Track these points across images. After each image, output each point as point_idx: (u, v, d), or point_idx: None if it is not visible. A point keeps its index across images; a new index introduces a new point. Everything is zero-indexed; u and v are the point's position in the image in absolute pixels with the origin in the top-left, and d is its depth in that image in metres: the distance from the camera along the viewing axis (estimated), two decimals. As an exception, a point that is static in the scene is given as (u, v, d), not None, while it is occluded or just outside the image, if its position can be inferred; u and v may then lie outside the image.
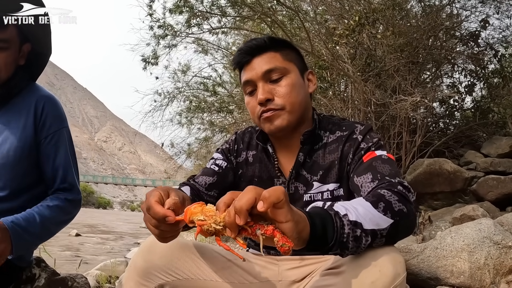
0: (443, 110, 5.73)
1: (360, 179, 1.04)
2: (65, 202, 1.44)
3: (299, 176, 1.20)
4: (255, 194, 0.67)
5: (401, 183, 0.95)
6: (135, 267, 1.06)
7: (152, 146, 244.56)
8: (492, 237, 1.98)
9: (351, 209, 0.79)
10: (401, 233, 0.87)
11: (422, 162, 4.23)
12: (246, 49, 1.19)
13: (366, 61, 4.86)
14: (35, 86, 1.48)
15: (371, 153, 1.09)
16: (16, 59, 1.38)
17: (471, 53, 5.41)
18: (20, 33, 1.36)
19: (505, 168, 4.13)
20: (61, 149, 1.45)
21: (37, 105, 1.41)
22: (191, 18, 4.30)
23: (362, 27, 4.55)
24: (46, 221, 1.36)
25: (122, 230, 18.43)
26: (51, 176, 1.44)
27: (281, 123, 1.15)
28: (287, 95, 1.14)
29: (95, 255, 7.97)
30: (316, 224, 0.74)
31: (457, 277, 1.92)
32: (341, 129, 1.20)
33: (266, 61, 1.16)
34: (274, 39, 1.22)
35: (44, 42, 1.44)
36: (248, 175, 1.28)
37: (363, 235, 0.78)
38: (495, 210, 3.38)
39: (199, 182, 1.24)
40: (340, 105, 4.98)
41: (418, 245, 2.08)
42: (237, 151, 1.31)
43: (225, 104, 6.35)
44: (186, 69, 6.82)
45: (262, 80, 1.16)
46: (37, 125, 1.40)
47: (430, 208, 4.27)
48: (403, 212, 0.85)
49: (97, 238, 11.92)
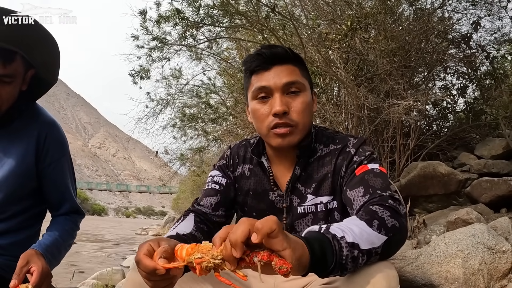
0: (436, 113, 5.77)
1: (352, 193, 1.06)
2: (76, 225, 1.49)
3: (294, 189, 1.21)
4: (249, 226, 0.67)
5: (391, 196, 0.98)
6: (133, 282, 1.04)
7: (146, 152, 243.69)
8: (485, 242, 1.99)
9: (348, 231, 0.81)
10: (394, 247, 0.90)
11: (416, 165, 4.25)
12: (268, 55, 1.16)
13: (359, 66, 4.88)
14: (37, 109, 1.45)
15: (364, 166, 1.10)
16: (19, 88, 1.35)
17: (463, 56, 5.46)
18: (25, 63, 1.32)
19: (498, 170, 4.16)
20: (65, 175, 1.46)
21: (40, 133, 1.39)
22: (187, 30, 4.26)
23: (354, 31, 4.58)
24: (66, 244, 1.41)
25: (117, 237, 18.33)
26: (57, 201, 1.46)
27: (292, 141, 1.15)
28: (302, 113, 1.14)
29: (91, 264, 7.91)
30: (315, 249, 0.75)
31: (451, 283, 1.93)
32: (334, 142, 1.21)
33: (287, 72, 1.14)
34: (294, 53, 1.20)
35: (51, 72, 1.40)
36: (244, 189, 1.28)
37: (360, 255, 0.80)
38: (490, 212, 3.40)
39: (204, 205, 1.25)
40: (333, 110, 5.00)
41: (412, 251, 2.09)
42: (233, 165, 1.31)
43: (219, 114, 6.33)
44: (179, 74, 6.80)
45: (280, 91, 1.14)
46: (40, 152, 1.39)
47: (424, 211, 4.29)
48: (395, 227, 0.88)
49: (92, 246, 11.84)
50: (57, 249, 1.34)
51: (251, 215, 1.27)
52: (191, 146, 7.36)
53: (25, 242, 1.34)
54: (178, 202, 26.74)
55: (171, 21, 4.21)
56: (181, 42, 4.54)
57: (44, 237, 1.36)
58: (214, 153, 8.73)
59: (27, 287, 1.11)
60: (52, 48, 1.34)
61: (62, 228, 1.41)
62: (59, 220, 1.45)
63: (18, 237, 1.38)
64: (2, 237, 1.35)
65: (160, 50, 4.66)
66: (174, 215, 26.94)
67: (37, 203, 1.46)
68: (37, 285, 1.14)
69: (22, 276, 1.14)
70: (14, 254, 1.31)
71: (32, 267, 1.17)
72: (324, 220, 1.18)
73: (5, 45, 1.20)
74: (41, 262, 1.19)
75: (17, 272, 1.14)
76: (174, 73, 6.65)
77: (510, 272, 1.96)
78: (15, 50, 1.24)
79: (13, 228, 1.37)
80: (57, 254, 1.34)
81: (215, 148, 7.98)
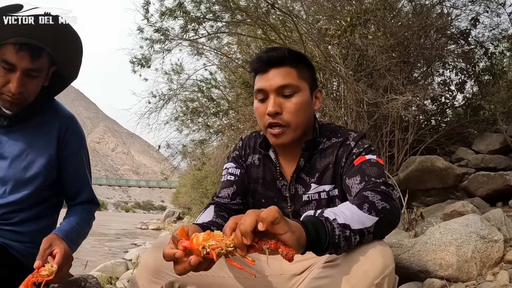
0: (434, 108, 5.82)
1: (350, 181, 1.16)
2: (92, 215, 1.57)
3: (299, 178, 1.31)
4: (255, 216, 0.78)
5: (384, 183, 1.07)
6: (147, 266, 1.15)
7: (145, 146, 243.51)
8: (479, 232, 2.07)
9: (339, 214, 0.90)
10: (387, 227, 0.99)
11: (414, 160, 4.31)
12: (265, 59, 1.25)
13: (358, 61, 4.92)
14: (57, 104, 1.54)
15: (362, 157, 1.20)
16: (43, 82, 1.44)
17: (461, 52, 5.50)
18: (50, 59, 1.40)
19: (495, 164, 4.22)
20: (83, 166, 1.55)
21: (61, 125, 1.48)
22: (188, 24, 4.31)
23: (354, 27, 4.62)
24: (84, 232, 1.49)
25: (118, 231, 18.41)
26: (74, 191, 1.55)
27: (284, 140, 1.25)
28: (294, 113, 1.23)
29: (94, 257, 7.99)
30: (310, 230, 0.84)
31: (445, 270, 2.01)
32: (336, 136, 1.31)
33: (282, 75, 1.23)
34: (293, 53, 1.28)
35: (73, 68, 1.48)
36: (254, 177, 1.39)
37: (352, 235, 0.89)
38: (486, 205, 3.46)
39: (223, 196, 1.36)
40: (333, 105, 5.05)
41: (409, 240, 2.17)
42: (245, 155, 1.42)
43: (220, 107, 6.38)
44: (180, 70, 6.82)
45: (274, 92, 1.23)
46: (60, 144, 1.48)
47: (422, 205, 4.35)
48: (386, 209, 0.96)
49: (94, 240, 11.91)
50: (76, 235, 1.41)
51: (260, 201, 1.38)
52: (193, 139, 7.41)
53: (45, 230, 1.41)
54: (178, 196, 26.75)
55: (173, 14, 4.25)
56: (183, 35, 4.58)
57: (63, 224, 1.43)
58: (215, 146, 8.78)
59: (52, 266, 1.16)
60: (77, 45, 1.43)
61: (79, 216, 1.49)
62: (75, 209, 1.53)
63: (38, 225, 1.46)
64: (24, 225, 1.43)
65: (162, 43, 4.70)
66: (174, 210, 27.00)
67: (56, 193, 1.55)
68: (60, 265, 1.20)
69: (45, 257, 1.20)
70: (35, 241, 1.38)
71: (55, 250, 1.23)
72: (326, 206, 1.28)
73: (35, 42, 1.30)
74: (63, 245, 1.25)
75: (41, 253, 1.20)
76: (175, 68, 6.68)
77: (502, 260, 2.04)
78: (42, 47, 1.33)
79: (33, 217, 1.45)
80: (76, 239, 1.41)
81: (216, 142, 8.04)
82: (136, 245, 10.81)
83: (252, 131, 1.50)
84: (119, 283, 4.52)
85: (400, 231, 2.94)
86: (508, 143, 4.42)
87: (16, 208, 1.42)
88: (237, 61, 6.30)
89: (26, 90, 1.36)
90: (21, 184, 1.41)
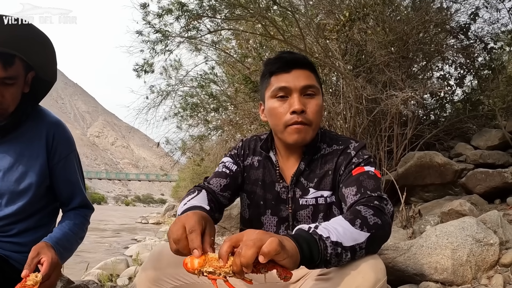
0: (434, 102, 5.82)
1: (346, 190, 1.18)
2: (86, 219, 1.56)
3: (298, 182, 1.33)
4: (257, 249, 0.79)
5: (379, 196, 1.10)
6: (146, 274, 1.18)
7: (145, 140, 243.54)
8: (474, 235, 2.08)
9: (332, 231, 0.92)
10: (378, 242, 1.00)
11: (413, 155, 4.32)
12: (289, 59, 1.29)
13: (357, 56, 4.91)
14: (42, 111, 1.53)
15: (360, 168, 1.22)
16: (22, 89, 1.42)
17: (461, 46, 5.49)
18: (25, 65, 1.39)
19: (494, 160, 4.23)
20: (74, 171, 1.54)
21: (48, 132, 1.47)
22: (189, 22, 4.28)
23: (353, 22, 4.60)
24: (77, 237, 1.48)
25: (118, 226, 18.46)
26: (67, 197, 1.54)
27: (306, 137, 1.27)
28: (316, 113, 1.27)
29: (94, 254, 8.03)
30: (304, 249, 0.87)
31: (440, 273, 2.02)
32: (337, 143, 1.33)
33: (306, 76, 1.27)
34: (309, 60, 1.33)
35: (50, 71, 1.47)
36: (253, 178, 1.41)
37: (343, 252, 0.91)
38: (484, 203, 3.47)
39: (214, 184, 1.37)
40: (332, 101, 5.04)
41: (405, 243, 2.18)
42: (244, 155, 1.44)
43: (220, 103, 6.36)
44: (178, 65, 6.80)
45: (298, 91, 1.26)
46: (49, 151, 1.47)
47: (421, 200, 4.38)
48: (377, 224, 0.98)
49: (95, 236, 11.95)
50: (68, 242, 1.40)
51: (258, 203, 1.39)
52: (192, 134, 7.41)
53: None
54: (177, 190, 26.86)
55: (173, 14, 4.24)
56: (184, 34, 4.56)
57: (55, 231, 1.42)
58: (214, 141, 8.78)
59: (37, 276, 1.17)
60: (48, 48, 1.41)
61: (72, 222, 1.48)
62: (69, 214, 1.52)
63: (37, 234, 1.46)
64: (23, 235, 1.44)
65: (163, 44, 4.67)
66: (174, 203, 27.08)
67: (51, 201, 1.54)
68: (47, 274, 1.20)
69: (33, 266, 1.21)
70: None
71: (43, 258, 1.23)
72: (323, 212, 1.30)
73: (4, 49, 1.29)
74: (51, 253, 1.26)
75: (28, 262, 1.21)
76: (173, 64, 6.66)
77: (497, 264, 2.05)
78: (13, 53, 1.32)
79: (31, 227, 1.46)
80: (68, 246, 1.40)
81: (215, 137, 8.04)
82: (136, 241, 10.86)
83: (253, 135, 1.51)
84: (120, 280, 4.56)
85: (398, 229, 2.95)
86: (507, 139, 4.43)
87: (13, 220, 1.42)
88: (236, 55, 6.28)
89: (4, 99, 1.34)
90: (16, 196, 1.41)
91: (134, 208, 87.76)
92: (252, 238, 0.81)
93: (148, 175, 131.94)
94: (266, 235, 0.82)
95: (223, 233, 9.49)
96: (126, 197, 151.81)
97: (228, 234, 9.20)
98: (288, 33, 4.71)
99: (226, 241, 0.84)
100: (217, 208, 1.33)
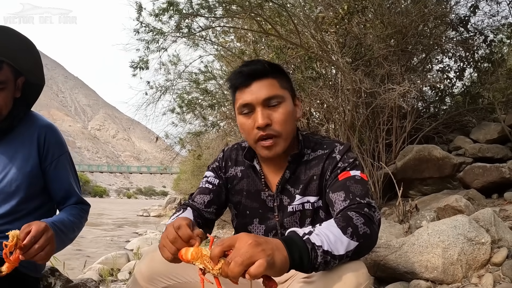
0: (433, 95, 5.80)
1: (334, 196, 1.18)
2: (83, 211, 1.61)
3: (284, 189, 1.32)
4: (244, 267, 0.81)
5: (368, 204, 1.11)
6: (141, 274, 1.22)
7: (146, 132, 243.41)
8: (466, 234, 2.09)
9: (325, 239, 0.93)
10: (364, 251, 1.02)
11: (411, 149, 4.33)
12: (247, 72, 1.25)
13: (356, 50, 4.89)
14: (34, 115, 1.59)
15: (346, 172, 1.22)
16: (13, 94, 1.49)
17: (460, 39, 5.46)
18: (14, 70, 1.45)
19: (493, 154, 4.23)
20: (66, 171, 1.59)
21: (39, 135, 1.53)
22: (181, 21, 4.29)
23: (352, 15, 4.57)
24: (74, 225, 1.51)
25: (119, 219, 18.56)
26: (62, 196, 1.59)
27: (278, 151, 1.25)
28: (283, 123, 1.23)
29: (95, 248, 8.08)
30: (295, 257, 0.88)
31: (431, 272, 2.04)
32: (322, 147, 1.32)
33: (266, 87, 1.23)
34: (273, 65, 1.29)
35: (38, 74, 1.54)
36: (237, 189, 1.40)
37: (332, 260, 0.93)
38: (481, 197, 3.47)
39: (198, 201, 1.37)
40: (330, 94, 5.02)
41: (397, 240, 2.19)
42: (225, 167, 1.43)
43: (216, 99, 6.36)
44: (176, 60, 6.79)
45: (261, 105, 1.23)
46: (41, 153, 1.52)
47: (419, 193, 4.39)
48: (366, 234, 1.00)
49: (96, 230, 12.02)
50: (63, 225, 1.42)
51: (245, 213, 1.39)
52: (190, 130, 7.43)
53: None
54: (179, 183, 26.89)
55: (166, 13, 4.27)
56: (177, 32, 4.57)
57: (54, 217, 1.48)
58: (213, 135, 8.78)
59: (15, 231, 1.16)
60: (34, 52, 1.48)
61: (68, 211, 1.53)
62: (65, 208, 1.58)
63: None
64: None
65: (156, 42, 4.71)
66: (175, 196, 27.17)
67: (47, 201, 1.59)
68: (33, 236, 1.19)
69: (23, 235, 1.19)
70: None
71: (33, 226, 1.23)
72: (310, 217, 1.30)
73: None
74: (42, 223, 1.26)
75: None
76: (172, 59, 6.65)
77: (488, 263, 2.06)
78: (0, 59, 1.39)
79: None
80: (64, 229, 1.42)
81: (213, 134, 8.04)
82: (137, 234, 10.92)
83: (234, 143, 1.50)
84: (121, 275, 4.59)
85: (394, 224, 2.96)
86: (506, 133, 4.42)
87: (9, 220, 1.46)
88: (234, 50, 6.26)
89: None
90: (9, 196, 1.46)
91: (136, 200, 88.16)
92: (242, 253, 0.81)
93: (150, 167, 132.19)
94: (257, 250, 0.82)
95: (223, 226, 9.54)
96: (128, 189, 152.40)
97: (228, 227, 9.26)
98: (284, 29, 4.69)
99: (218, 245, 0.86)
100: (204, 224, 1.34)
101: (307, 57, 4.80)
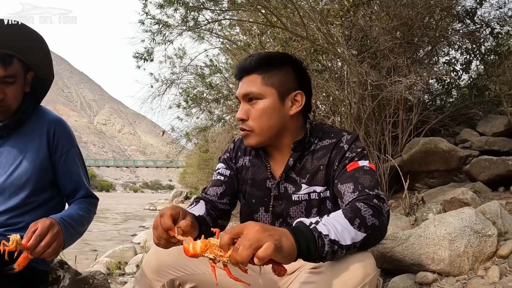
0: (440, 88, 5.77)
1: (343, 187, 1.19)
2: (91, 205, 1.63)
3: (289, 178, 1.34)
4: (253, 251, 0.82)
5: (377, 195, 1.11)
6: (149, 266, 1.24)
7: (151, 126, 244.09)
8: (472, 226, 2.09)
9: (332, 229, 0.94)
10: (372, 243, 1.03)
11: (418, 141, 4.32)
12: (239, 67, 1.33)
13: (362, 42, 4.87)
14: (43, 110, 1.61)
15: (355, 163, 1.22)
16: (23, 88, 1.51)
17: (467, 31, 5.40)
18: (23, 65, 1.48)
19: (499, 147, 4.21)
20: (76, 164, 1.61)
21: (49, 129, 1.55)
22: (188, 14, 4.28)
23: (357, 7, 4.55)
24: (83, 219, 1.53)
25: (126, 213, 18.70)
26: (71, 190, 1.61)
27: (250, 143, 1.32)
28: (257, 119, 1.28)
29: (103, 241, 8.16)
30: (302, 247, 0.89)
31: (437, 264, 2.04)
32: (329, 136, 1.33)
33: (247, 83, 1.30)
34: (262, 61, 1.29)
35: (47, 69, 1.56)
36: (246, 178, 1.43)
37: (339, 249, 0.94)
38: (487, 190, 3.47)
39: (211, 194, 1.40)
40: (336, 87, 5.01)
41: (403, 233, 2.20)
42: (236, 158, 1.46)
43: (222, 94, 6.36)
44: (182, 54, 6.79)
45: (243, 99, 1.31)
46: (51, 147, 1.55)
47: (426, 186, 4.39)
48: (375, 225, 1.01)
49: (103, 224, 12.12)
50: (72, 220, 1.44)
51: (251, 202, 1.41)
52: (196, 125, 7.44)
53: None
54: (185, 176, 27.03)
55: (172, 6, 4.26)
56: (183, 25, 4.56)
57: (63, 212, 1.51)
58: (218, 131, 8.79)
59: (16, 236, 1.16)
60: (43, 46, 1.50)
61: (77, 206, 1.56)
62: (74, 202, 1.60)
63: None
64: None
65: (162, 35, 4.70)
66: (182, 189, 27.31)
67: (56, 194, 1.62)
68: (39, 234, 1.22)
69: (29, 234, 1.22)
70: None
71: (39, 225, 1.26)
72: (317, 207, 1.31)
73: (3, 50, 1.39)
74: (48, 219, 1.29)
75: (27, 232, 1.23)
76: (178, 53, 6.65)
77: (494, 255, 2.07)
78: (11, 54, 1.41)
79: (38, 218, 1.49)
80: (73, 224, 1.43)
81: (219, 128, 8.05)
82: (144, 228, 11.01)
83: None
84: (128, 268, 4.65)
85: (400, 216, 2.97)
86: (512, 126, 4.39)
87: (19, 213, 1.49)
88: (240, 43, 6.25)
89: (6, 97, 1.43)
90: (19, 189, 1.49)
91: (142, 194, 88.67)
92: (250, 238, 0.83)
93: (156, 161, 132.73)
94: (265, 235, 0.84)
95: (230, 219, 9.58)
96: (134, 183, 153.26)
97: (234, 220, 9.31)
98: (290, 21, 4.67)
99: (226, 233, 0.88)
100: (219, 215, 1.37)
101: (313, 50, 4.79)
